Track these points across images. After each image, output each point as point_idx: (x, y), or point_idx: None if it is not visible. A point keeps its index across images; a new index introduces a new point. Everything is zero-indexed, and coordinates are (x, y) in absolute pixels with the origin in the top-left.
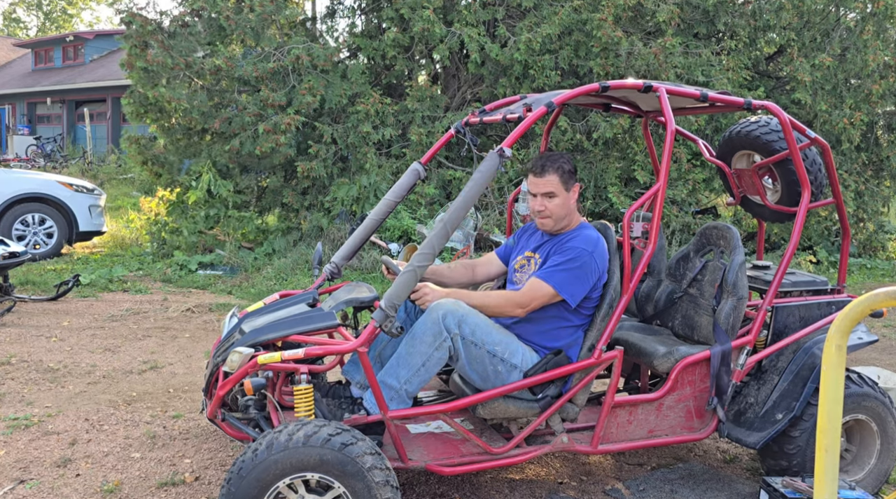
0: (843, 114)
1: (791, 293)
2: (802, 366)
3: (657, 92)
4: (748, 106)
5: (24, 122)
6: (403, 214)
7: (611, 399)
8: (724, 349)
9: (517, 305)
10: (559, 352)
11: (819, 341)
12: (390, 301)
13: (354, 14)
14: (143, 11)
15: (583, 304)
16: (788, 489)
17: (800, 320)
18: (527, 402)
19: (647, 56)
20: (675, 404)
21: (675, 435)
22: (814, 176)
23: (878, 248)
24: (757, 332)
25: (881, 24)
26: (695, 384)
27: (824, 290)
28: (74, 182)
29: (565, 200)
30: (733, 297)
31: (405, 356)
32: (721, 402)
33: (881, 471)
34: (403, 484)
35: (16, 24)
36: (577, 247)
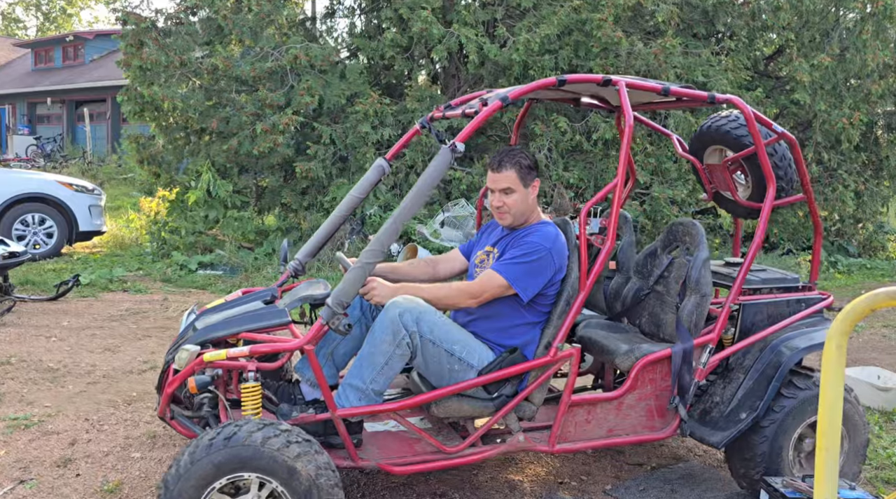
0: (843, 114)
1: (760, 291)
2: (768, 364)
3: (616, 86)
4: (711, 100)
5: (24, 122)
6: None
7: (567, 398)
8: (685, 347)
9: (469, 295)
10: (514, 350)
11: (786, 339)
12: (338, 298)
13: (354, 14)
14: (138, 10)
15: (539, 301)
16: (788, 489)
17: (767, 318)
18: (481, 401)
19: (646, 56)
20: (636, 403)
21: (636, 434)
22: (783, 171)
23: (877, 248)
24: (720, 330)
25: (880, 24)
26: (656, 383)
27: (795, 287)
28: (74, 182)
29: (524, 195)
30: (696, 294)
31: (367, 356)
32: (683, 401)
33: (850, 473)
34: (403, 484)
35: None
36: (534, 242)
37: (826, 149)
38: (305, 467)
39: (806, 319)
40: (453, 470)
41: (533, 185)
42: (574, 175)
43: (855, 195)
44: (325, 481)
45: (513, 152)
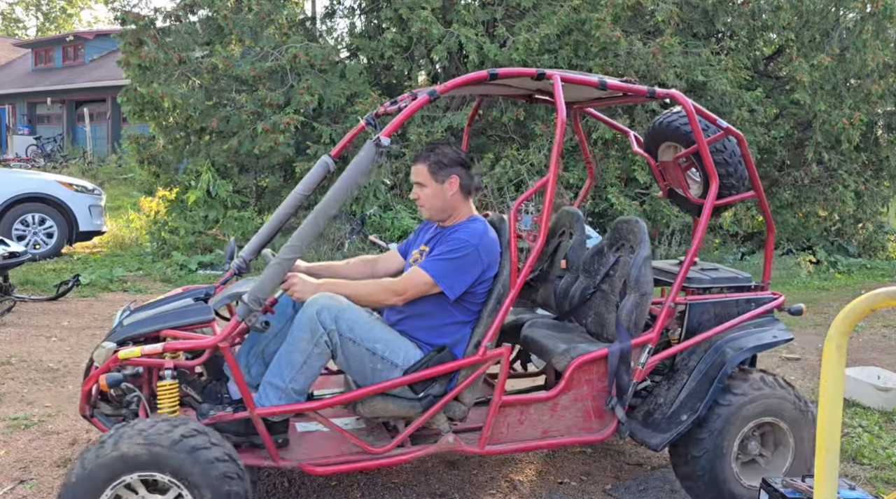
0: (843, 114)
1: (710, 290)
2: (711, 365)
3: (551, 79)
4: (651, 94)
5: (24, 122)
6: (403, 213)
7: (498, 398)
8: (622, 347)
9: (393, 292)
10: (443, 349)
11: (731, 340)
12: (254, 295)
13: (354, 14)
14: (136, 9)
15: (468, 299)
16: (788, 489)
17: (714, 318)
18: (408, 400)
19: (645, 56)
20: (572, 404)
21: (572, 436)
22: (733, 168)
23: (877, 248)
24: (660, 329)
25: (880, 23)
26: (592, 383)
27: (747, 286)
28: (74, 182)
29: (436, 191)
30: (636, 292)
31: (286, 354)
32: (621, 402)
33: (800, 472)
34: (403, 484)
35: (15, 25)
36: (460, 238)
37: (826, 149)
38: (198, 461)
39: (755, 319)
40: (454, 470)
41: (450, 181)
42: (574, 175)
43: (855, 195)
44: (217, 474)
45: (433, 147)
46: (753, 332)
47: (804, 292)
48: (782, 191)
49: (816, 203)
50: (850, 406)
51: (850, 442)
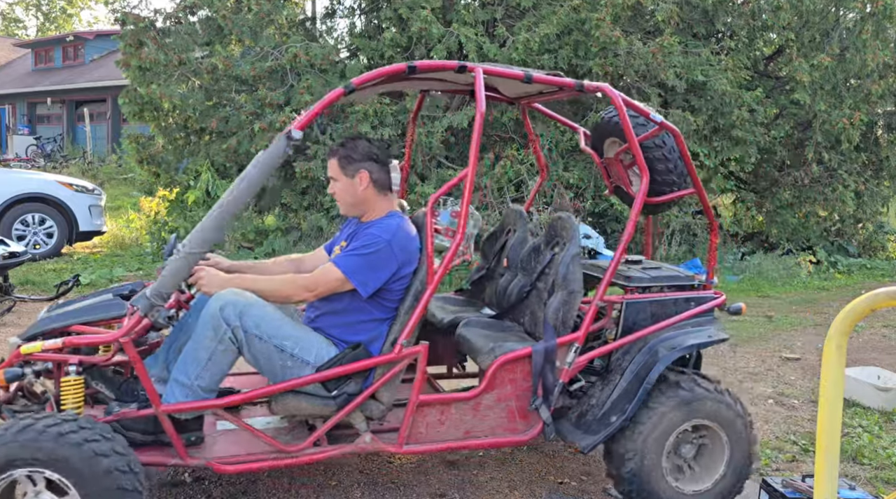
0: (843, 114)
1: (650, 289)
2: (642, 366)
3: (473, 72)
4: (580, 88)
5: (24, 122)
6: None
7: (415, 397)
8: (547, 346)
9: (303, 288)
10: (358, 346)
11: (664, 340)
12: (156, 290)
13: (354, 14)
14: (136, 10)
15: (384, 295)
16: (788, 489)
17: (651, 317)
18: (321, 398)
19: (645, 56)
20: (495, 404)
21: (496, 437)
22: (673, 164)
23: (877, 248)
24: (586, 329)
25: (880, 23)
26: (516, 383)
27: (689, 286)
28: (74, 182)
29: (347, 185)
30: (563, 291)
31: (191, 351)
32: (546, 402)
33: (731, 483)
34: (403, 484)
35: (15, 25)
36: (373, 234)
37: (826, 149)
38: (82, 456)
39: (694, 318)
40: (454, 470)
41: (359, 176)
42: (574, 175)
43: (855, 195)
44: (104, 469)
45: (346, 141)
46: (690, 331)
47: (804, 292)
48: (782, 191)
49: (816, 203)
50: (850, 406)
51: (850, 442)
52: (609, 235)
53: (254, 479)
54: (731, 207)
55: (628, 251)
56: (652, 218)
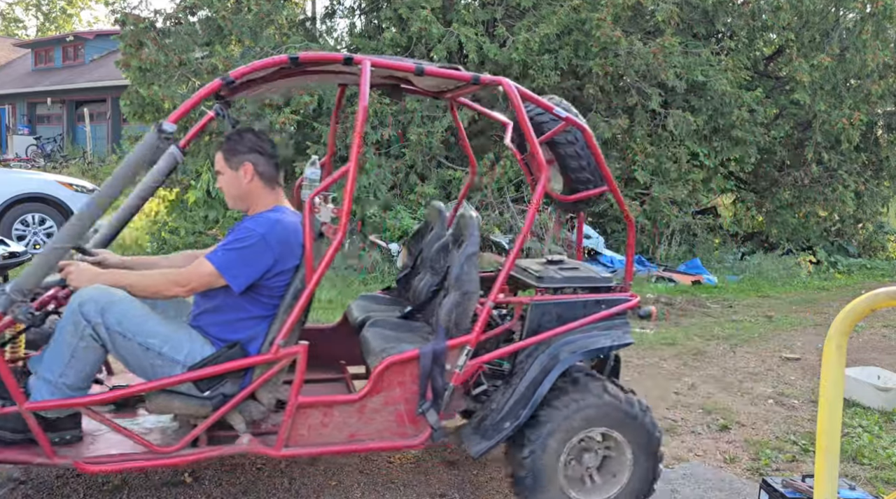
0: (843, 114)
1: (563, 290)
2: (541, 370)
3: (360, 65)
4: (476, 81)
5: (24, 123)
6: (403, 213)
7: (294, 399)
8: (435, 349)
9: (174, 283)
10: (234, 345)
11: (568, 343)
12: (17, 285)
13: (353, 14)
14: (136, 10)
15: (263, 292)
16: (788, 489)
17: (557, 319)
18: (196, 399)
19: (646, 56)
20: (382, 408)
21: (384, 441)
22: (587, 161)
23: (877, 248)
24: (480, 331)
25: (880, 24)
26: (405, 386)
27: (605, 287)
28: (74, 182)
29: (231, 178)
30: (456, 291)
31: (55, 348)
32: (436, 406)
33: (636, 490)
34: (404, 484)
35: (15, 25)
36: (247, 227)
37: (826, 149)
38: None
39: (603, 321)
40: (454, 470)
41: (243, 168)
42: None
43: (855, 195)
44: None
45: (230, 134)
46: (595, 335)
47: (804, 292)
48: (782, 191)
49: (816, 203)
50: (850, 406)
51: (850, 442)
52: (609, 235)
53: (254, 479)
54: (731, 207)
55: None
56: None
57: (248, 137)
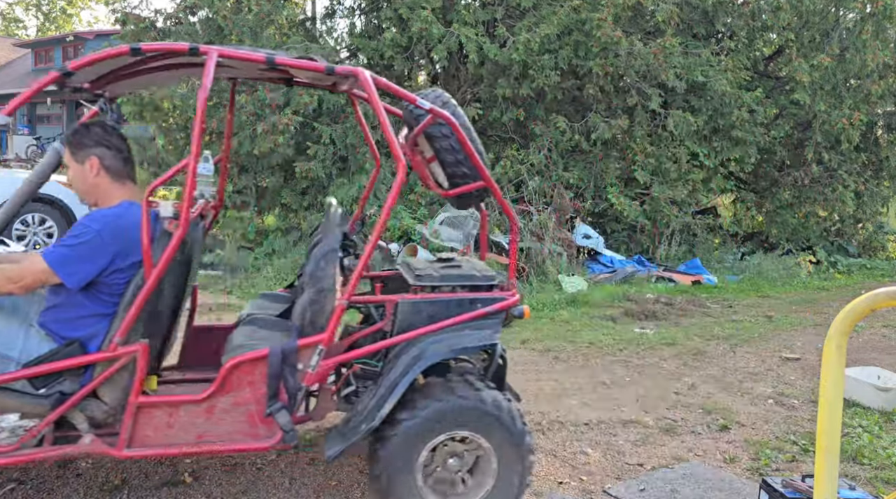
0: (843, 114)
1: (440, 288)
2: (402, 370)
3: (206, 55)
4: (330, 71)
5: (24, 122)
6: (403, 214)
7: (134, 398)
8: (285, 348)
9: (8, 280)
10: (73, 343)
11: (435, 342)
12: None
13: (354, 14)
14: (137, 10)
15: (102, 289)
16: (788, 489)
17: (428, 318)
18: (31, 397)
19: (646, 56)
20: (232, 408)
21: (234, 442)
22: (463, 155)
23: (877, 248)
24: (332, 330)
25: (880, 24)
26: (256, 386)
27: (487, 286)
28: None
29: (77, 172)
30: (311, 288)
31: None
32: (290, 407)
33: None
34: None
35: (15, 25)
36: (83, 223)
37: (826, 149)
38: None
39: (477, 320)
40: None
41: (89, 162)
42: (574, 175)
43: (855, 195)
44: None
45: (77, 128)
46: (461, 335)
47: (804, 292)
48: (782, 191)
49: (816, 203)
50: (850, 406)
51: (850, 442)
52: (609, 235)
53: (254, 479)
54: (731, 207)
55: (615, 250)
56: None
57: (95, 130)
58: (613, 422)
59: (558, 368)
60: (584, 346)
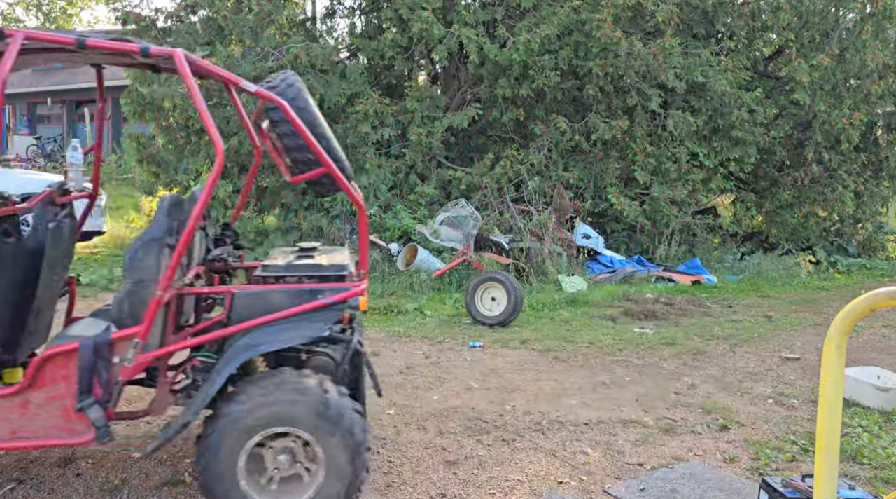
0: (843, 114)
1: (285, 279)
2: (226, 364)
3: (10, 37)
4: (145, 53)
5: (24, 123)
6: (403, 214)
7: None
8: (97, 341)
9: None
10: None
11: (262, 335)
12: None
13: (354, 14)
14: (137, 9)
15: None
16: (788, 489)
17: (264, 309)
18: None
19: (646, 56)
20: (47, 403)
21: (52, 438)
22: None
23: (877, 248)
24: (148, 323)
25: (880, 24)
26: (71, 380)
27: (337, 277)
28: None
29: None
30: (129, 280)
31: None
32: (104, 403)
33: (334, 493)
34: (404, 483)
35: (15, 25)
36: None
37: (826, 149)
38: None
39: (318, 312)
40: (454, 470)
41: None
42: (574, 175)
43: (855, 195)
44: None
45: None
46: (290, 328)
47: (804, 292)
48: (782, 191)
49: (816, 203)
50: (850, 406)
51: (850, 442)
52: (609, 235)
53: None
54: (731, 207)
55: (615, 250)
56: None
57: None
58: (613, 422)
59: (558, 368)
60: (584, 346)
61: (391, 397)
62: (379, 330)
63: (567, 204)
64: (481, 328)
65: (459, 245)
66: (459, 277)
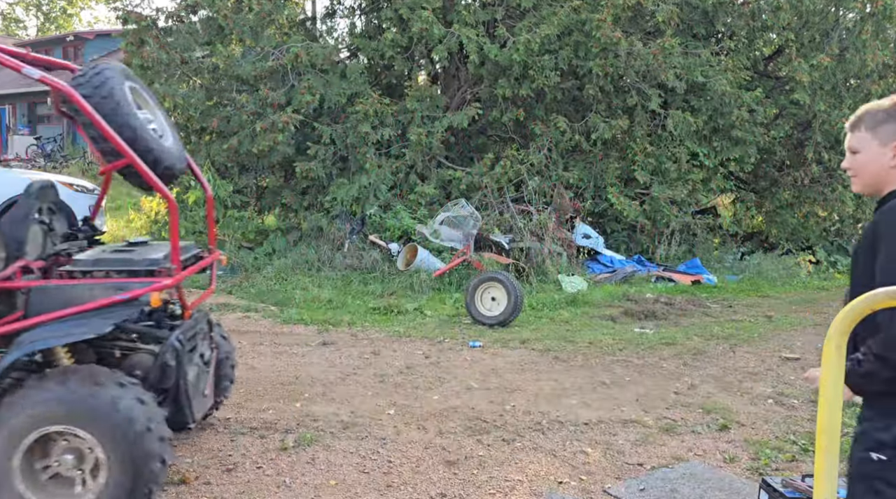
0: (843, 114)
1: (93, 273)
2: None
3: None
4: None
5: (24, 123)
6: (403, 214)
7: None
8: None
9: None
10: None
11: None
12: None
13: (354, 14)
14: (138, 9)
15: None
16: (788, 489)
17: (62, 304)
18: None
19: (646, 56)
20: None
21: None
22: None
23: None
24: None
25: (880, 24)
26: None
27: (147, 272)
28: (75, 182)
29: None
30: None
31: None
32: None
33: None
34: (404, 483)
35: (15, 25)
36: None
37: (826, 149)
38: None
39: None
40: (454, 470)
41: None
42: (574, 175)
43: (855, 195)
44: None
45: None
46: (78, 324)
47: (804, 292)
48: (782, 191)
49: (816, 203)
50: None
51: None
52: (609, 235)
53: (254, 478)
54: (731, 206)
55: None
56: None
57: None
58: (613, 422)
59: (558, 368)
60: (584, 346)
61: (391, 397)
62: (379, 330)
63: (567, 204)
64: (481, 328)
65: (459, 245)
66: (459, 277)
